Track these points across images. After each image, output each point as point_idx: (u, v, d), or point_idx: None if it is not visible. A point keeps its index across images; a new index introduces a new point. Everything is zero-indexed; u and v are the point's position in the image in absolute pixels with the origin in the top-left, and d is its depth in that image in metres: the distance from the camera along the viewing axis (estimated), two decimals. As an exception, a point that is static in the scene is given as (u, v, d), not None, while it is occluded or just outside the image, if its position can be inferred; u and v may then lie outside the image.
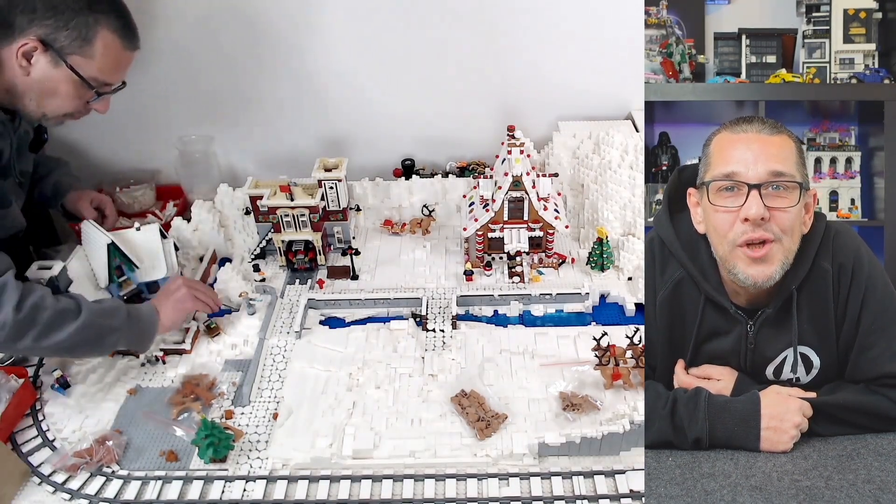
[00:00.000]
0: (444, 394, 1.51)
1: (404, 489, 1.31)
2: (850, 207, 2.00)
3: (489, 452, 1.37)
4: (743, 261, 1.24)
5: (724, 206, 1.24)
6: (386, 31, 2.07)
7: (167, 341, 1.65)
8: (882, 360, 1.24)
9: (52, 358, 1.56)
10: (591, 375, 1.52)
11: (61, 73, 1.49)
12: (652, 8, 2.08)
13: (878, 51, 2.02)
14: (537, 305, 1.77)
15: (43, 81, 1.49)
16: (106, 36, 1.50)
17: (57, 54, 1.47)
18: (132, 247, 1.75)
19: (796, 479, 1.13)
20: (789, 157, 1.24)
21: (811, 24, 2.06)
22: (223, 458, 1.38)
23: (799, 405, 1.22)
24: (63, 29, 1.45)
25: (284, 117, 2.25)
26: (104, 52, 1.51)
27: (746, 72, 2.09)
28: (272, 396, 1.53)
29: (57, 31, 1.45)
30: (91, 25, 1.47)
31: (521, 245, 1.83)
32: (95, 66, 1.51)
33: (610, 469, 1.33)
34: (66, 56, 1.47)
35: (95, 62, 1.51)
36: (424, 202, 2.11)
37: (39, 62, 1.47)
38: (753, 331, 1.28)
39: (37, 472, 1.37)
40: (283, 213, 1.83)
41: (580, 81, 2.18)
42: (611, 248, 1.85)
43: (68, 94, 1.53)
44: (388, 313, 1.78)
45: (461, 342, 1.66)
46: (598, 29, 2.06)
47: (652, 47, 2.08)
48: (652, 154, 2.01)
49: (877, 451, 1.18)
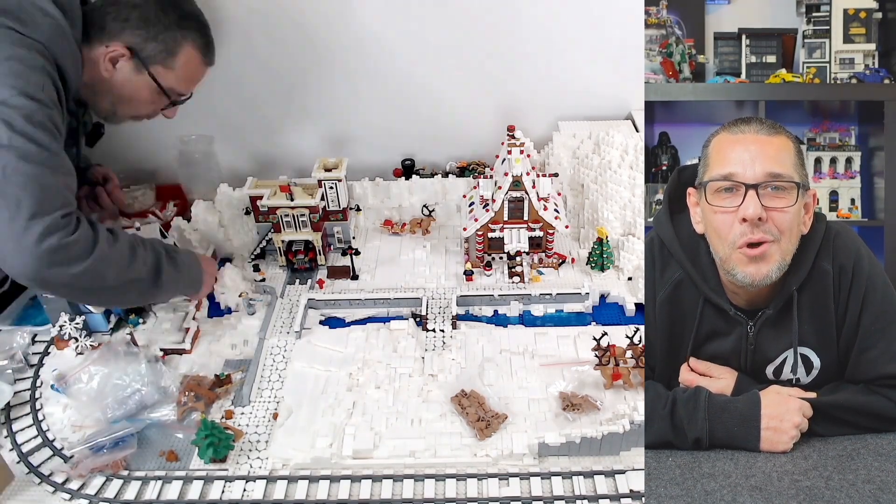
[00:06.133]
0: (444, 394, 1.51)
1: (404, 489, 1.31)
2: (850, 207, 2.00)
3: (489, 452, 1.37)
4: (741, 260, 1.24)
5: (722, 207, 1.24)
6: (386, 31, 2.07)
7: (167, 341, 1.66)
8: (882, 360, 1.24)
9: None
10: (591, 375, 1.52)
11: (142, 81, 1.58)
12: (652, 8, 2.09)
13: (878, 51, 2.03)
14: (537, 305, 1.77)
15: (123, 85, 1.57)
16: (189, 51, 1.61)
17: (142, 63, 1.55)
18: (132, 247, 1.75)
19: (796, 479, 1.13)
20: (787, 158, 1.24)
21: (811, 24, 2.06)
22: (223, 458, 1.38)
23: (799, 405, 1.22)
24: (152, 41, 1.55)
25: (284, 117, 2.25)
26: (185, 65, 1.61)
27: (746, 72, 2.09)
28: (272, 396, 1.53)
29: (146, 42, 1.54)
30: (178, 40, 1.58)
31: (521, 245, 1.83)
32: (174, 77, 1.61)
33: (610, 469, 1.33)
34: (149, 65, 1.56)
35: (175, 73, 1.60)
36: (424, 202, 2.11)
37: (124, 68, 1.55)
38: (753, 331, 1.29)
39: (37, 473, 1.37)
40: (283, 213, 1.83)
41: (580, 81, 2.18)
42: (611, 248, 1.85)
43: (144, 101, 1.62)
44: (388, 313, 1.78)
45: (461, 342, 1.66)
46: (598, 29, 2.06)
47: (652, 47, 2.08)
48: (652, 154, 2.01)
49: (877, 451, 1.18)
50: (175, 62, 1.59)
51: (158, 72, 1.58)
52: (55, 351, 1.64)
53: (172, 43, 1.57)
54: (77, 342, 1.62)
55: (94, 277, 1.36)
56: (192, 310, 1.73)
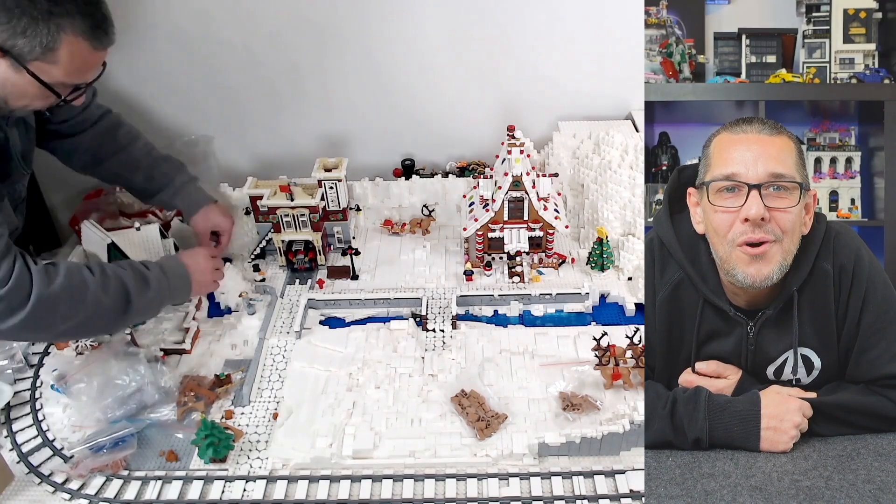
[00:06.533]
0: (444, 394, 1.51)
1: (404, 489, 1.31)
2: (850, 207, 2.00)
3: (489, 452, 1.37)
4: (742, 260, 1.23)
5: (723, 207, 1.24)
6: (386, 31, 2.07)
7: (167, 341, 1.66)
8: (882, 360, 1.23)
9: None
10: (591, 375, 1.52)
11: (24, 78, 1.33)
12: (652, 8, 2.08)
13: (878, 51, 2.02)
14: (537, 305, 1.77)
15: (5, 85, 1.34)
16: (71, 41, 1.33)
17: (16, 60, 1.30)
18: (132, 247, 1.75)
19: (796, 479, 1.13)
20: (789, 158, 1.23)
21: (811, 24, 2.06)
22: (223, 458, 1.38)
23: (799, 405, 1.21)
24: (20, 35, 1.28)
25: (284, 117, 2.25)
26: (70, 57, 1.34)
27: (746, 72, 2.09)
28: (272, 396, 1.53)
29: (13, 38, 1.28)
30: (53, 32, 1.30)
31: (521, 245, 1.83)
32: (61, 71, 1.35)
33: (610, 469, 1.33)
34: (26, 63, 1.31)
35: (61, 67, 1.34)
36: (424, 202, 2.11)
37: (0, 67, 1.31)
38: (753, 332, 1.28)
39: (37, 473, 1.37)
40: (283, 213, 1.83)
41: (580, 81, 2.18)
42: (611, 248, 1.85)
43: (35, 96, 1.39)
44: (388, 313, 1.78)
45: (461, 342, 1.66)
46: (598, 29, 2.06)
47: (652, 47, 2.08)
48: (652, 154, 2.01)
49: (877, 451, 1.18)
50: (57, 56, 1.32)
51: (39, 67, 1.32)
52: (55, 351, 1.64)
53: (47, 37, 1.29)
54: (77, 342, 1.62)
55: (41, 320, 1.31)
56: (193, 309, 1.74)
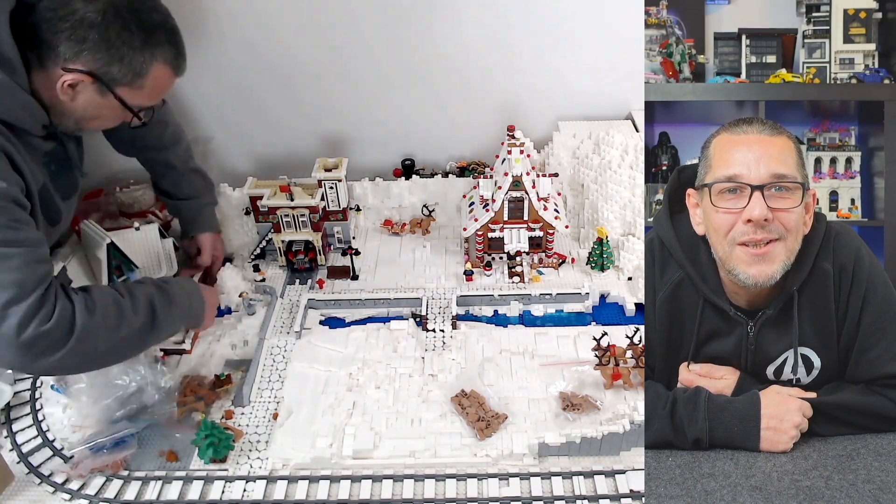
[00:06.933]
0: (444, 394, 1.51)
1: (404, 489, 1.31)
2: (850, 207, 2.00)
3: (489, 452, 1.37)
4: (743, 261, 1.23)
5: (725, 208, 1.24)
6: (386, 31, 2.07)
7: (167, 341, 1.65)
8: (882, 360, 1.23)
9: None
10: (591, 375, 1.52)
11: (107, 102, 1.41)
12: (652, 8, 2.09)
13: (878, 51, 2.03)
14: (537, 305, 1.77)
15: (86, 108, 1.41)
16: (159, 69, 1.43)
17: (106, 87, 1.38)
18: (132, 247, 1.75)
19: (796, 479, 1.13)
20: (790, 159, 1.23)
21: (811, 24, 2.06)
22: (223, 458, 1.38)
23: (799, 405, 1.22)
24: (116, 63, 1.36)
25: (284, 117, 2.25)
26: (154, 83, 1.44)
27: (746, 72, 2.09)
28: (272, 396, 1.53)
29: (108, 66, 1.36)
30: (147, 61, 1.39)
31: (521, 245, 1.83)
32: (144, 95, 1.45)
33: (610, 469, 1.33)
34: (114, 88, 1.39)
35: (145, 92, 1.44)
36: (424, 202, 2.11)
37: (86, 91, 1.38)
38: (753, 332, 1.28)
39: (37, 473, 1.37)
40: (283, 213, 1.83)
41: (580, 81, 2.18)
42: (611, 248, 1.85)
43: (109, 118, 1.47)
44: (388, 313, 1.78)
45: (461, 342, 1.66)
46: (598, 29, 2.06)
47: (652, 47, 2.08)
48: (652, 154, 2.01)
49: (877, 451, 1.18)
50: (143, 82, 1.41)
51: (125, 93, 1.40)
52: (55, 351, 1.64)
53: (140, 65, 1.38)
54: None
55: (83, 353, 1.30)
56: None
